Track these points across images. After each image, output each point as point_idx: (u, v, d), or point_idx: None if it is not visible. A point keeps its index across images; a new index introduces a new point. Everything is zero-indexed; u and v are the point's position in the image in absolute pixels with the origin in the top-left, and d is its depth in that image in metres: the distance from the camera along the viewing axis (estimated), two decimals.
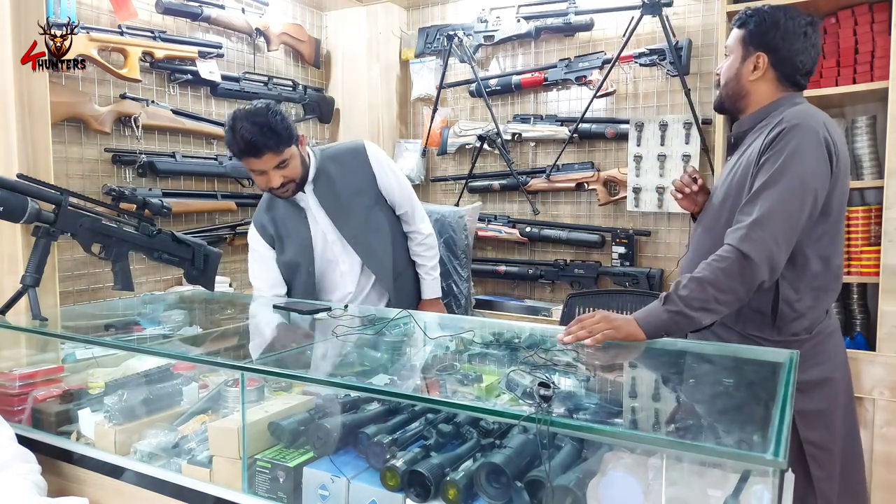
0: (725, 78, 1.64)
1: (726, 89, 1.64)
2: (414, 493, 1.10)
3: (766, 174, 1.44)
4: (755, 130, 1.59)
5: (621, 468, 1.02)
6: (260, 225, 2.12)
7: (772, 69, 1.58)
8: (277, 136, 1.85)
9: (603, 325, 1.38)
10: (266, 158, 1.86)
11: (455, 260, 2.80)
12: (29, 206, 1.66)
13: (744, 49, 1.60)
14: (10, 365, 1.75)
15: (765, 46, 1.57)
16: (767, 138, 1.49)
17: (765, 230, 1.40)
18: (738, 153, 1.62)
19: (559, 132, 3.18)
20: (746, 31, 1.59)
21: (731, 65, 1.62)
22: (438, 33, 3.48)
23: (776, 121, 1.52)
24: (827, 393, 1.55)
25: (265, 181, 1.92)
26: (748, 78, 1.60)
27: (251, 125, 1.82)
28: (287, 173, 1.92)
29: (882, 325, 2.24)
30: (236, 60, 3.12)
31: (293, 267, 2.10)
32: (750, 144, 1.57)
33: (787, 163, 1.43)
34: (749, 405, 1.13)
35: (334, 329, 1.68)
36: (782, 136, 1.45)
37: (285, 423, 1.28)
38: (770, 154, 1.46)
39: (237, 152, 1.89)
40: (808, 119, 1.48)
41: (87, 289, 2.52)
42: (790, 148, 1.44)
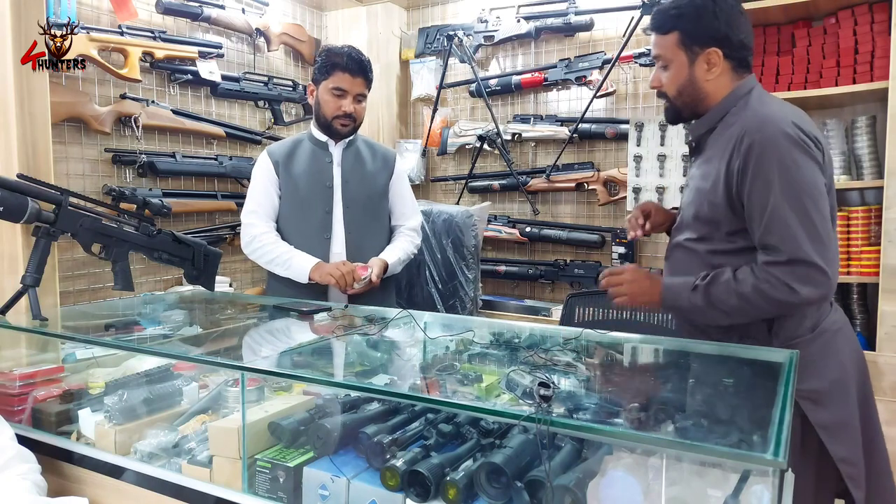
0: (676, 88, 1.50)
1: (682, 99, 1.51)
2: (414, 493, 1.10)
3: (765, 200, 1.34)
4: (714, 133, 1.50)
5: (621, 468, 1.02)
6: (273, 152, 2.14)
7: (726, 61, 1.46)
8: (371, 75, 2.11)
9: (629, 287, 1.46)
10: (358, 82, 2.05)
11: (462, 261, 2.80)
12: (29, 206, 1.66)
13: (686, 52, 1.47)
14: (11, 365, 1.75)
15: (713, 40, 1.45)
16: (736, 153, 1.39)
17: (814, 266, 1.32)
18: (702, 158, 1.53)
19: (559, 132, 3.18)
20: (681, 33, 1.46)
21: (676, 74, 1.49)
22: (438, 33, 3.48)
23: (735, 126, 1.42)
24: (847, 399, 1.44)
25: (342, 103, 2.04)
26: (704, 79, 1.48)
27: (358, 54, 2.06)
28: (359, 109, 2.09)
29: (882, 325, 2.24)
30: (236, 60, 3.12)
31: (305, 204, 2.10)
32: (713, 150, 1.48)
33: (785, 184, 1.34)
34: (749, 405, 1.13)
35: (334, 329, 1.69)
36: (754, 155, 1.36)
37: (285, 423, 1.28)
38: (753, 176, 1.36)
39: (340, 63, 2.02)
40: (767, 125, 1.37)
41: (87, 289, 2.52)
42: (772, 165, 1.34)
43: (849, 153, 2.49)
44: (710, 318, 1.42)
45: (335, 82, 2.04)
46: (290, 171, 2.11)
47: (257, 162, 2.17)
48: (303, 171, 2.11)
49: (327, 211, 2.10)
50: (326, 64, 2.05)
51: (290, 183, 2.11)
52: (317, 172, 2.11)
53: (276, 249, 2.07)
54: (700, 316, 1.42)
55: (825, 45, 2.46)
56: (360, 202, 2.14)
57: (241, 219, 2.15)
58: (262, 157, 2.16)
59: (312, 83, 2.12)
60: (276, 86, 3.23)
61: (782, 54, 2.55)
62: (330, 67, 2.04)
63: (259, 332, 1.86)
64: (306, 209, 2.10)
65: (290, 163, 2.12)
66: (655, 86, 1.56)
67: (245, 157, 3.09)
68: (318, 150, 2.14)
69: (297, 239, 2.10)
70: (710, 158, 1.49)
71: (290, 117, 3.36)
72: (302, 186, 2.11)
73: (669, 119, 1.60)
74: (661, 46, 1.51)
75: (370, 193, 2.17)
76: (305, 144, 2.16)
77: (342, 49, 2.07)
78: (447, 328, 1.68)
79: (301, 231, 2.10)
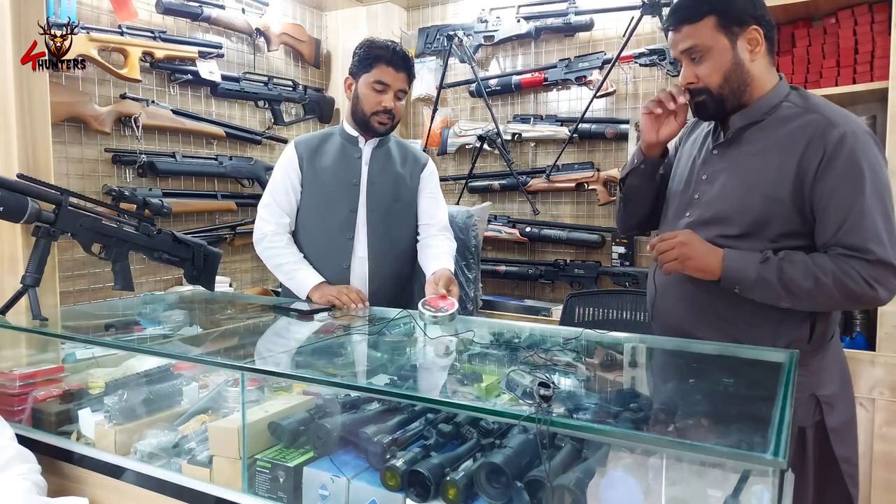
0: (722, 76, 1.42)
1: (729, 86, 1.43)
2: (414, 492, 1.11)
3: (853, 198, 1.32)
4: (761, 125, 1.44)
5: (621, 468, 1.02)
6: (300, 143, 2.07)
7: (764, 42, 1.42)
8: (414, 72, 2.05)
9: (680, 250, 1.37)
10: (401, 77, 1.97)
11: (462, 261, 2.79)
12: (29, 206, 1.66)
13: (727, 34, 1.40)
14: (11, 365, 1.75)
15: (752, 17, 1.40)
16: (815, 148, 1.34)
17: (893, 272, 1.32)
18: (742, 150, 1.46)
19: (559, 132, 3.18)
20: (717, 15, 1.40)
21: (718, 60, 1.41)
22: (438, 33, 3.48)
23: (800, 119, 1.39)
24: (849, 402, 1.49)
25: (383, 98, 1.95)
26: (750, 61, 1.41)
27: (402, 49, 1.99)
28: (398, 107, 2.00)
29: (882, 325, 2.24)
30: (236, 60, 3.12)
31: (329, 201, 2.02)
32: (764, 143, 1.42)
33: (873, 184, 1.32)
34: (749, 405, 1.13)
35: (334, 329, 1.69)
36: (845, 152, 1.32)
37: (285, 423, 1.28)
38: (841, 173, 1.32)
39: (384, 56, 1.93)
40: (852, 122, 1.36)
41: (87, 289, 2.52)
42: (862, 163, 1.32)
43: None
44: (773, 295, 1.35)
45: (377, 76, 1.94)
46: (316, 164, 2.03)
47: (283, 152, 2.09)
48: (329, 166, 2.03)
49: (352, 210, 2.01)
50: (369, 57, 1.95)
51: (314, 177, 2.03)
52: (344, 168, 2.03)
53: (283, 256, 2.00)
54: (763, 291, 1.35)
55: (825, 45, 2.46)
56: (386, 204, 2.05)
57: (258, 209, 2.07)
58: (289, 147, 2.07)
59: (351, 77, 2.01)
60: (276, 86, 3.23)
61: (782, 54, 2.55)
62: (373, 60, 1.94)
63: (259, 332, 1.87)
64: (330, 206, 2.02)
65: (316, 156, 2.04)
66: (691, 83, 1.45)
67: (245, 157, 3.09)
68: (348, 146, 2.05)
69: (318, 237, 2.02)
70: (760, 152, 1.42)
71: (290, 117, 3.36)
72: (327, 182, 2.02)
73: (709, 115, 1.50)
74: (694, 36, 1.41)
75: (397, 195, 2.07)
76: (335, 139, 2.07)
77: (385, 42, 1.98)
78: (447, 328, 1.68)
79: (323, 230, 2.02)
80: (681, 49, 1.45)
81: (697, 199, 1.52)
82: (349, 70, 2.03)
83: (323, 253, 2.02)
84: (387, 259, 2.04)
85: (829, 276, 1.32)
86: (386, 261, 2.04)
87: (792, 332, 1.42)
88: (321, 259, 2.00)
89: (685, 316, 1.52)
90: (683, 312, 1.52)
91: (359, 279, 2.02)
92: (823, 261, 1.33)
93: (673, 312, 1.55)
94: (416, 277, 2.16)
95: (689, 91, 1.48)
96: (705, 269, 1.38)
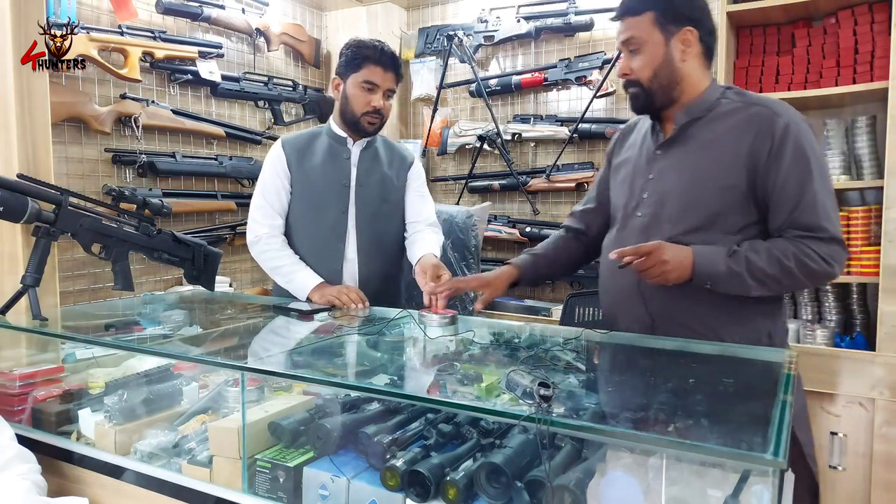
0: (652, 70, 1.47)
1: (657, 81, 1.48)
2: (414, 493, 1.11)
3: (805, 181, 1.39)
4: (704, 121, 1.49)
5: (621, 468, 1.02)
6: (287, 143, 2.05)
7: (699, 44, 1.48)
8: (402, 72, 2.04)
9: (657, 269, 1.39)
10: (389, 77, 1.97)
11: (462, 261, 2.80)
12: (29, 206, 1.66)
13: (662, 31, 1.46)
14: (11, 365, 1.75)
15: (689, 19, 1.46)
16: (763, 137, 1.41)
17: (844, 248, 1.41)
18: (687, 147, 1.50)
19: (559, 132, 3.18)
20: (657, 13, 1.46)
21: (651, 55, 1.47)
22: (438, 33, 3.48)
23: (743, 113, 1.45)
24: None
25: (372, 98, 1.95)
26: (681, 60, 1.47)
27: (390, 48, 1.99)
28: (387, 106, 2.00)
29: (882, 325, 2.24)
30: (236, 60, 3.12)
31: (320, 203, 2.02)
32: (709, 137, 1.47)
33: (819, 167, 1.41)
34: (749, 405, 1.13)
35: (334, 329, 1.69)
36: (792, 138, 1.40)
37: (285, 423, 1.28)
38: (792, 158, 1.39)
39: (372, 56, 1.94)
40: (793, 112, 1.45)
41: (87, 289, 2.52)
42: (808, 148, 1.40)
43: (849, 153, 2.49)
44: (744, 287, 1.40)
45: (366, 76, 1.94)
46: (305, 165, 2.03)
47: (270, 152, 2.07)
48: (318, 167, 2.03)
49: (343, 211, 2.02)
50: (357, 57, 1.95)
51: (304, 178, 2.02)
52: (334, 169, 2.03)
53: (280, 259, 1.99)
54: (734, 284, 1.39)
55: (825, 45, 2.46)
56: (374, 205, 2.06)
57: (250, 212, 2.06)
58: (276, 148, 2.06)
59: (338, 77, 2.01)
60: (276, 86, 3.22)
61: (782, 54, 2.55)
62: (361, 60, 1.94)
63: (259, 332, 1.86)
64: (321, 208, 2.02)
65: (305, 157, 2.03)
66: (625, 73, 1.52)
67: (245, 157, 3.09)
68: (337, 146, 2.05)
69: (310, 239, 2.02)
70: (707, 146, 1.47)
71: (290, 117, 3.36)
72: (317, 183, 2.02)
73: (638, 107, 1.55)
74: (633, 28, 1.48)
75: (385, 196, 2.07)
76: (323, 139, 2.06)
77: (373, 42, 1.98)
78: (447, 328, 1.67)
79: (315, 231, 2.02)
80: (621, 40, 1.52)
81: (647, 198, 1.55)
82: (336, 70, 2.03)
83: (315, 254, 2.02)
84: (376, 260, 2.06)
85: (792, 259, 1.38)
86: (375, 262, 2.05)
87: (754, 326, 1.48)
88: (313, 261, 2.01)
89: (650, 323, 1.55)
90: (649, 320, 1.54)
91: (349, 280, 2.03)
92: (784, 245, 1.39)
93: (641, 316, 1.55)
94: (403, 276, 2.18)
95: (624, 81, 1.55)
96: (683, 275, 1.41)
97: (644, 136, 1.62)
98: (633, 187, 1.59)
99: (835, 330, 2.48)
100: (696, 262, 1.40)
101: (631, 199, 1.58)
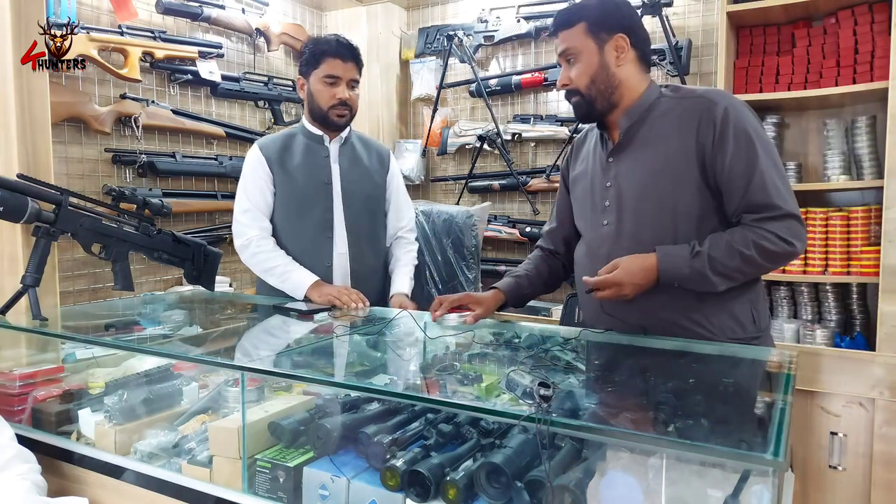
0: (589, 77, 1.51)
1: (595, 88, 1.52)
2: (414, 493, 1.11)
3: (752, 163, 1.41)
4: (646, 123, 1.52)
5: (621, 468, 1.02)
6: (265, 146, 2.06)
7: (632, 50, 1.51)
8: (362, 61, 2.07)
9: (612, 292, 1.43)
10: (350, 67, 2.00)
11: (462, 261, 2.80)
12: (29, 206, 1.66)
13: (595, 39, 1.50)
14: (11, 365, 1.75)
15: (620, 27, 1.50)
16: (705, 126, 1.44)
17: (801, 222, 1.43)
18: (632, 148, 1.53)
19: (559, 132, 3.18)
20: (588, 23, 1.50)
21: (587, 63, 1.51)
22: (438, 33, 3.48)
23: (680, 108, 1.48)
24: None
25: (335, 91, 1.98)
26: (616, 65, 1.51)
27: (346, 40, 2.03)
28: (353, 97, 2.03)
29: (882, 325, 2.24)
30: (236, 60, 3.12)
31: (304, 202, 2.04)
32: (652, 135, 1.50)
33: (763, 147, 1.43)
34: (749, 405, 1.13)
35: (334, 329, 1.69)
36: (731, 123, 1.42)
37: (285, 423, 1.28)
38: (734, 143, 1.42)
39: (329, 50, 1.97)
40: (728, 97, 1.48)
41: (87, 289, 2.52)
42: (749, 130, 1.43)
43: (849, 153, 2.49)
44: (709, 284, 1.41)
45: (327, 70, 1.97)
46: (285, 166, 2.04)
47: (248, 155, 2.08)
48: (299, 167, 2.04)
49: (327, 209, 2.04)
50: (315, 53, 1.99)
51: (285, 179, 2.03)
52: (314, 168, 2.05)
53: (273, 260, 1.99)
54: (698, 282, 1.42)
55: (825, 45, 2.46)
56: (361, 200, 2.09)
57: (235, 217, 2.06)
58: (254, 151, 2.06)
59: (301, 76, 2.04)
60: (276, 86, 3.22)
61: (782, 54, 2.55)
62: (319, 55, 1.98)
63: (259, 332, 1.87)
64: (305, 207, 2.04)
65: (284, 158, 2.05)
66: (564, 83, 1.55)
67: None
68: (314, 145, 2.07)
69: (297, 238, 2.03)
70: (654, 144, 1.51)
71: (290, 117, 3.36)
72: (299, 183, 2.03)
73: (582, 115, 1.58)
74: (567, 40, 1.52)
75: (369, 191, 2.12)
76: (299, 139, 2.08)
77: (329, 37, 2.02)
78: (447, 328, 1.68)
79: (302, 230, 2.03)
80: (558, 52, 1.56)
81: (609, 205, 1.57)
82: (298, 71, 2.07)
83: (304, 253, 2.03)
84: (367, 254, 2.10)
85: (752, 247, 1.39)
86: (366, 256, 2.09)
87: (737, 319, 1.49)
88: (303, 259, 2.01)
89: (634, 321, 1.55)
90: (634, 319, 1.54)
91: (340, 276, 2.05)
92: (742, 234, 1.41)
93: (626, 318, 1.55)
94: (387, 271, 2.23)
95: (565, 92, 1.58)
96: (646, 284, 1.43)
97: (594, 147, 1.65)
98: (593, 199, 1.62)
99: (835, 330, 2.48)
100: (661, 268, 1.42)
101: (594, 210, 1.61)
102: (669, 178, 1.48)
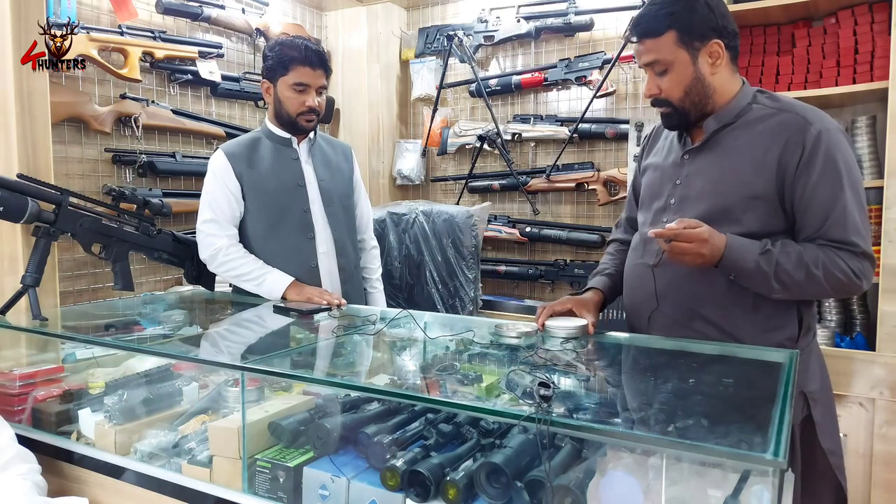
0: (683, 90, 1.43)
1: (690, 100, 1.44)
2: (414, 493, 1.11)
3: (836, 193, 1.35)
4: (732, 127, 1.45)
5: (621, 468, 1.02)
6: (231, 153, 2.01)
7: (726, 52, 1.43)
8: (330, 66, 2.06)
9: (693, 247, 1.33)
10: (319, 75, 1.99)
11: (462, 261, 2.80)
12: (29, 206, 1.66)
13: (687, 49, 1.41)
14: (11, 365, 1.75)
15: (714, 31, 1.41)
16: (793, 144, 1.37)
17: (873, 263, 1.40)
18: (714, 153, 1.47)
19: (559, 132, 3.18)
20: (679, 32, 1.40)
21: (680, 75, 1.42)
22: (438, 33, 3.48)
23: (775, 118, 1.41)
24: (830, 396, 1.54)
25: (305, 99, 1.97)
26: (711, 74, 1.43)
27: (314, 45, 2.00)
28: (321, 102, 2.01)
29: (882, 325, 2.24)
30: (236, 60, 3.12)
31: (279, 205, 2.01)
32: (737, 144, 1.44)
33: (851, 180, 1.37)
34: (749, 405, 1.13)
35: (334, 329, 1.69)
36: (823, 147, 1.35)
37: (285, 423, 1.28)
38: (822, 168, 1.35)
39: (298, 57, 1.95)
40: (826, 120, 1.40)
41: (87, 289, 2.52)
42: (839, 159, 1.37)
43: None
44: (766, 287, 1.37)
45: (296, 77, 1.95)
46: (254, 171, 2.00)
47: (211, 163, 2.02)
48: (268, 171, 2.01)
49: (305, 210, 2.03)
50: (283, 59, 1.95)
51: (255, 184, 1.99)
52: (284, 171, 2.03)
53: (245, 266, 1.97)
54: (757, 282, 1.37)
55: (825, 45, 2.46)
56: (338, 198, 2.11)
57: (198, 227, 2.01)
58: (218, 157, 2.01)
59: (266, 80, 2.00)
60: None
61: (782, 54, 2.55)
62: (288, 62, 1.94)
63: (259, 332, 1.87)
64: (281, 210, 2.01)
65: (251, 163, 2.01)
66: (653, 94, 1.47)
67: None
68: (282, 148, 2.05)
69: (277, 243, 2.01)
70: (735, 152, 1.43)
71: None
72: (271, 187, 2.00)
73: (673, 125, 1.51)
74: (655, 51, 1.42)
75: (343, 190, 2.15)
76: (265, 142, 2.05)
77: (297, 42, 1.97)
78: (447, 328, 1.68)
79: (281, 234, 2.01)
80: (643, 62, 1.47)
81: (674, 203, 1.52)
82: (263, 73, 2.03)
83: (286, 257, 2.01)
84: (350, 251, 2.13)
85: (821, 268, 1.35)
86: (350, 252, 2.12)
87: (782, 326, 1.45)
88: (287, 262, 2.01)
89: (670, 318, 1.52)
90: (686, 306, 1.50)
91: (327, 275, 2.06)
92: (814, 252, 1.37)
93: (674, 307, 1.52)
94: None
95: (652, 100, 1.50)
96: (709, 262, 1.36)
97: (671, 141, 1.59)
98: (659, 192, 1.56)
99: (835, 330, 2.48)
100: (727, 252, 1.35)
101: (658, 203, 1.56)
102: (741, 190, 1.41)
